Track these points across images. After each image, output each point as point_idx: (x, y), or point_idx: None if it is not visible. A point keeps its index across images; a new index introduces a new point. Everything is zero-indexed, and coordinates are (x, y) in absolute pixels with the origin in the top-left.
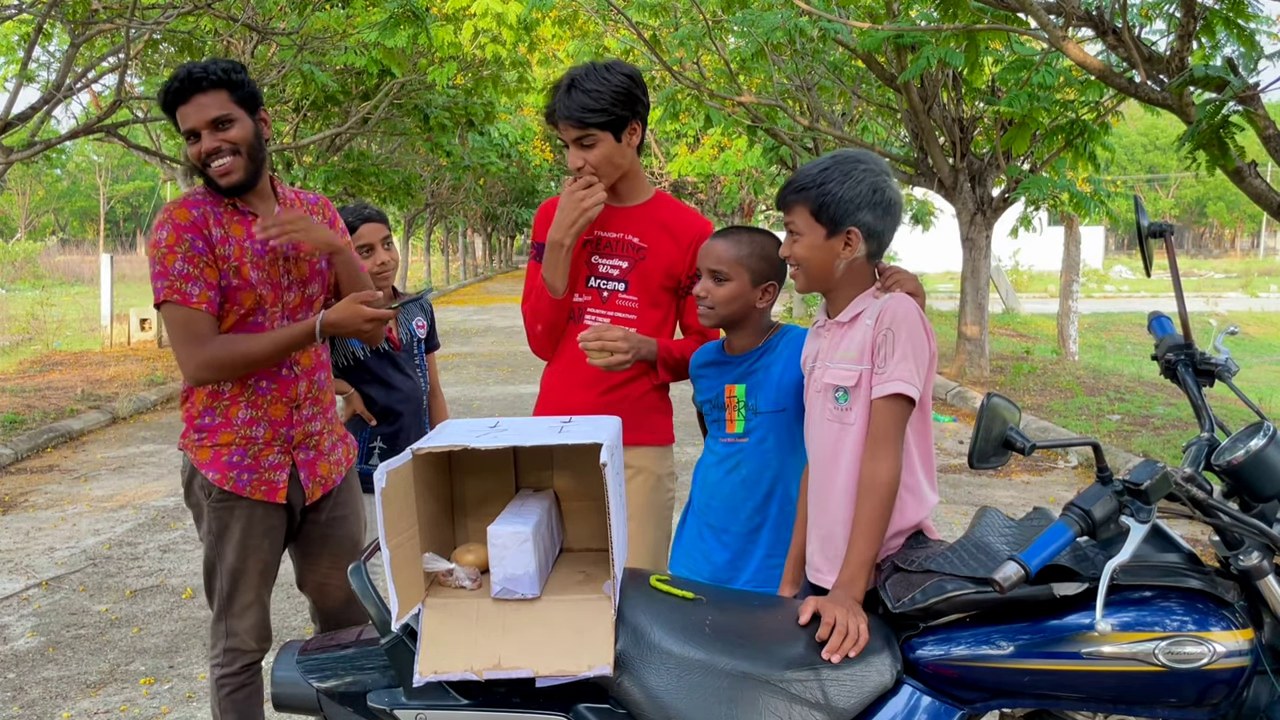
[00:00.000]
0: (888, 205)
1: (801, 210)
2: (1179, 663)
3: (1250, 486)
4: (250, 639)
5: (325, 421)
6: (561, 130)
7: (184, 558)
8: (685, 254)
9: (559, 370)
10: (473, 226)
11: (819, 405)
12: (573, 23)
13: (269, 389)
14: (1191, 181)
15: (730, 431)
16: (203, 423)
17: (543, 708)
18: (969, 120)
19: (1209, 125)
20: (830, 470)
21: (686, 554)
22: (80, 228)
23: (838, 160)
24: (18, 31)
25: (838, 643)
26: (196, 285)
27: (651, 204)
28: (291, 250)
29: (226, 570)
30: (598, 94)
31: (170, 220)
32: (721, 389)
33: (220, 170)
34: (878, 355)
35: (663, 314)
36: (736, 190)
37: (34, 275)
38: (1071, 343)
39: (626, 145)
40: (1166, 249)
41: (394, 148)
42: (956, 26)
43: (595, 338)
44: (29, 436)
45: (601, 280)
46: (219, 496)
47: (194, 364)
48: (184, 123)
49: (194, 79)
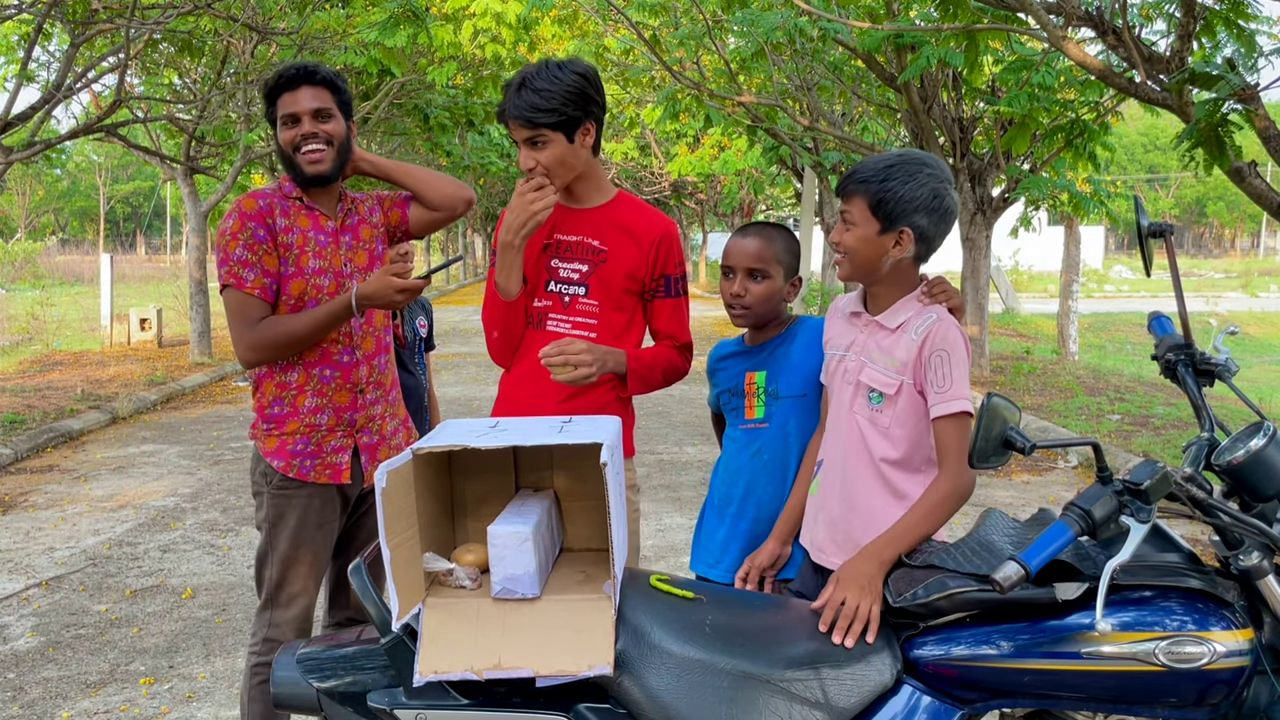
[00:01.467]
0: (944, 212)
1: (860, 202)
2: (1179, 663)
3: (1250, 486)
4: (290, 631)
5: (388, 405)
6: (512, 130)
7: (184, 558)
8: (647, 256)
9: (517, 377)
10: (472, 226)
11: (848, 395)
12: (572, 22)
13: (333, 377)
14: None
15: (750, 417)
16: (271, 413)
17: (543, 708)
18: (969, 120)
19: (1207, 124)
20: (854, 460)
21: (706, 548)
22: (80, 228)
23: (904, 159)
24: (18, 31)
25: (845, 624)
26: (253, 271)
27: (611, 205)
28: (353, 241)
29: (279, 558)
30: (548, 93)
31: (238, 210)
32: (741, 377)
33: (311, 157)
34: (928, 373)
35: (626, 318)
36: (736, 190)
37: (34, 275)
38: (1071, 343)
39: (580, 146)
40: (1166, 249)
41: (394, 148)
42: (956, 26)
43: (557, 352)
44: (29, 436)
45: (562, 285)
46: (279, 483)
47: (242, 345)
48: (286, 108)
49: (307, 71)
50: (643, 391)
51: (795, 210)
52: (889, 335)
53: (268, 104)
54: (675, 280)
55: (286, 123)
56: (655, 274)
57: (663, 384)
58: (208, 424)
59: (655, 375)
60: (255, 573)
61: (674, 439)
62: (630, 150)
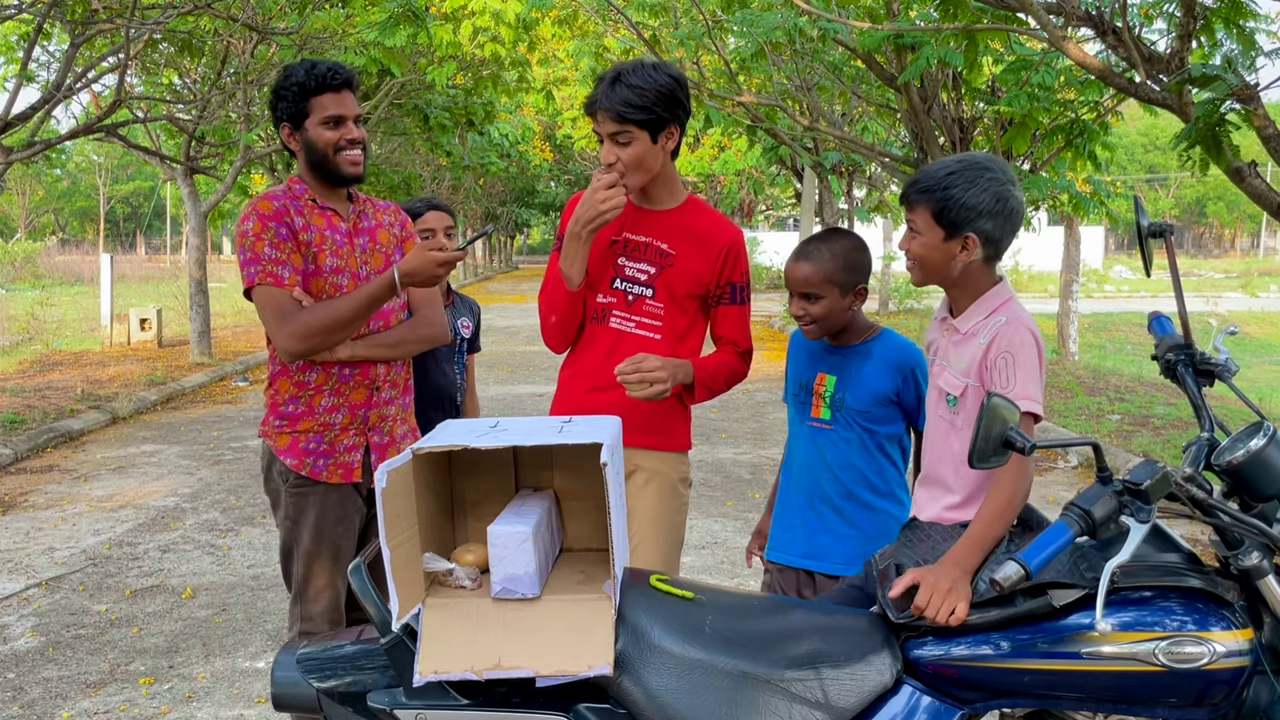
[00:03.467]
0: (1009, 215)
1: (923, 210)
2: (1179, 663)
3: (1250, 486)
4: (323, 622)
5: (401, 407)
6: (599, 122)
7: (184, 558)
8: (714, 263)
9: (576, 371)
10: (473, 227)
11: (934, 399)
12: (572, 22)
13: (351, 375)
14: (1191, 181)
15: (816, 416)
16: (286, 410)
17: (543, 708)
18: (969, 120)
19: (1206, 124)
20: (938, 456)
21: (777, 538)
22: (80, 228)
23: (965, 165)
24: (18, 31)
25: (938, 604)
26: (286, 269)
27: (683, 209)
28: (369, 243)
29: (302, 554)
30: (641, 91)
31: (255, 211)
32: (814, 374)
33: (353, 159)
34: (993, 375)
35: (689, 321)
36: (736, 190)
37: (34, 275)
38: (1071, 343)
39: (661, 148)
40: (1166, 249)
41: (394, 148)
42: (956, 26)
43: (633, 369)
44: (29, 436)
45: (628, 283)
46: (296, 482)
47: (284, 334)
48: (330, 109)
49: (346, 76)
50: (708, 399)
51: (795, 210)
52: (963, 339)
53: (294, 100)
54: (740, 288)
55: (329, 123)
56: (721, 281)
57: (724, 389)
58: (208, 424)
59: (719, 383)
60: (282, 567)
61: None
62: None
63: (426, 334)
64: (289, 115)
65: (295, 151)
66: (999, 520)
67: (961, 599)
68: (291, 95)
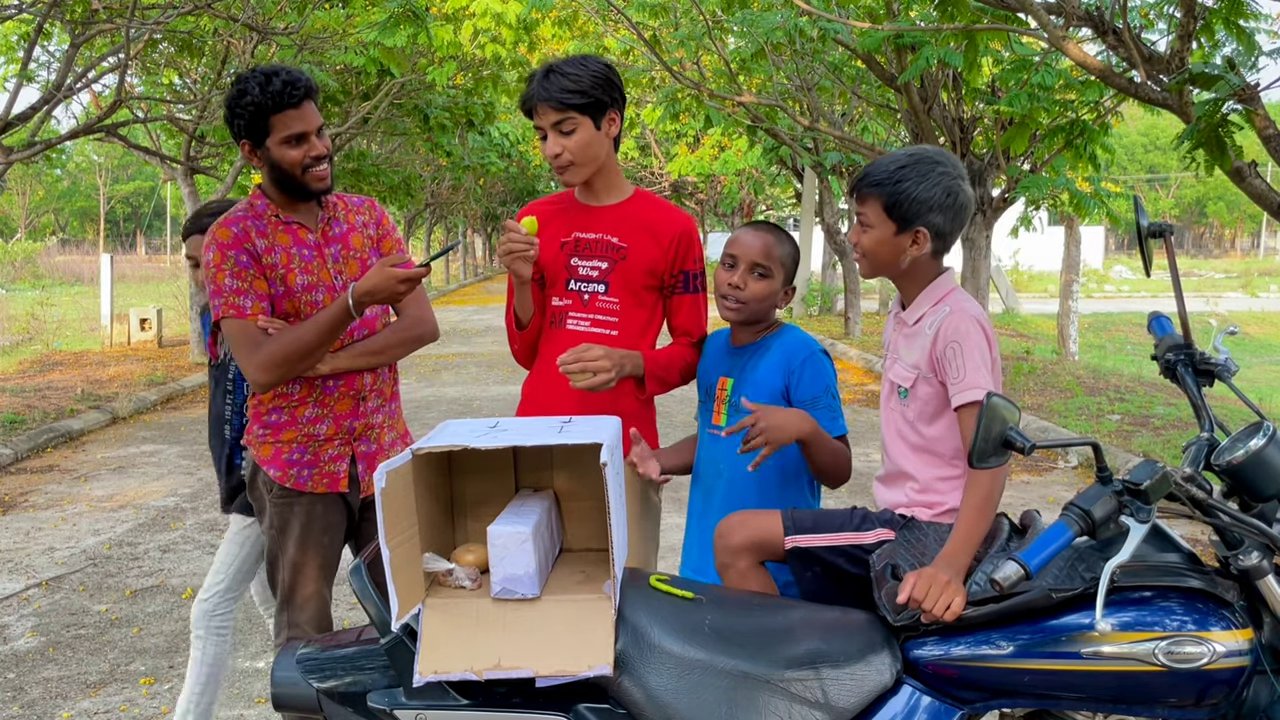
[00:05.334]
0: (959, 209)
1: (874, 204)
2: (1179, 662)
3: (1250, 486)
4: (311, 629)
5: (388, 415)
6: (539, 116)
7: (184, 558)
8: (667, 252)
9: (538, 378)
10: (472, 227)
11: (886, 393)
12: (573, 23)
13: (335, 387)
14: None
15: (716, 423)
16: (269, 420)
17: (543, 708)
18: (969, 120)
19: (1207, 124)
20: (899, 450)
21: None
22: (80, 228)
23: (916, 159)
24: (18, 31)
25: (935, 596)
26: (248, 298)
27: (630, 202)
28: (341, 251)
29: (288, 564)
30: (576, 77)
31: (214, 240)
32: (716, 379)
33: (320, 175)
34: (945, 366)
35: (647, 314)
36: (736, 190)
37: (34, 275)
38: (1071, 343)
39: (605, 135)
40: (1166, 249)
41: (394, 148)
42: (956, 26)
43: (574, 359)
44: (29, 436)
45: (581, 283)
46: (280, 493)
47: (252, 366)
48: (292, 126)
49: (306, 86)
50: (661, 392)
51: (795, 210)
52: (912, 331)
53: (252, 119)
54: (694, 276)
55: (291, 142)
56: (675, 270)
57: (680, 382)
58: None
59: (673, 375)
60: (267, 575)
61: (674, 439)
62: (630, 150)
63: (414, 335)
64: (247, 133)
65: (258, 167)
66: (981, 516)
67: (957, 594)
68: (249, 114)
